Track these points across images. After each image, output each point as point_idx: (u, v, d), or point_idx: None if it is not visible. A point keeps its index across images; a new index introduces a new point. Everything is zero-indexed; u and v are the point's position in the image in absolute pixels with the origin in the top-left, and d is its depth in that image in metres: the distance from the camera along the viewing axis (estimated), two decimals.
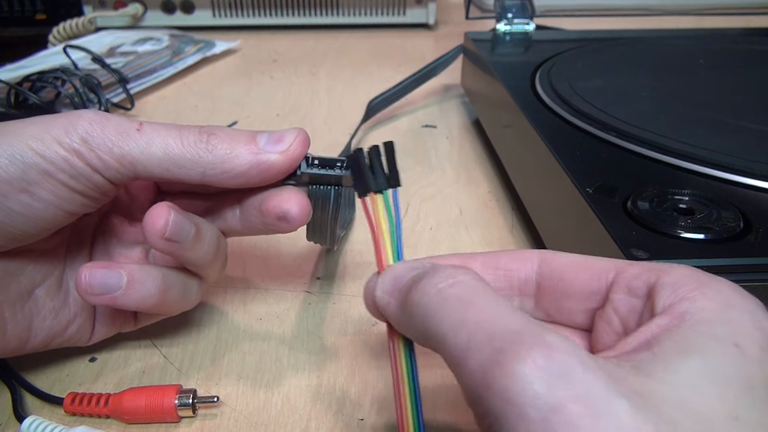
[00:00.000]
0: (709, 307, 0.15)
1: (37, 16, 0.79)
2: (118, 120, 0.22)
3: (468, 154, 0.47)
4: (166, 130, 0.22)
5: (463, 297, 0.16)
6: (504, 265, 0.20)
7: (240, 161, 0.23)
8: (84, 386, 0.26)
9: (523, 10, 0.55)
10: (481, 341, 0.15)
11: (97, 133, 0.21)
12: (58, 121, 0.21)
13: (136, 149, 0.22)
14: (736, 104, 0.38)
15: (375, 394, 0.26)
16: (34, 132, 0.21)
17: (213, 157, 0.22)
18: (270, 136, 0.23)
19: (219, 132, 0.23)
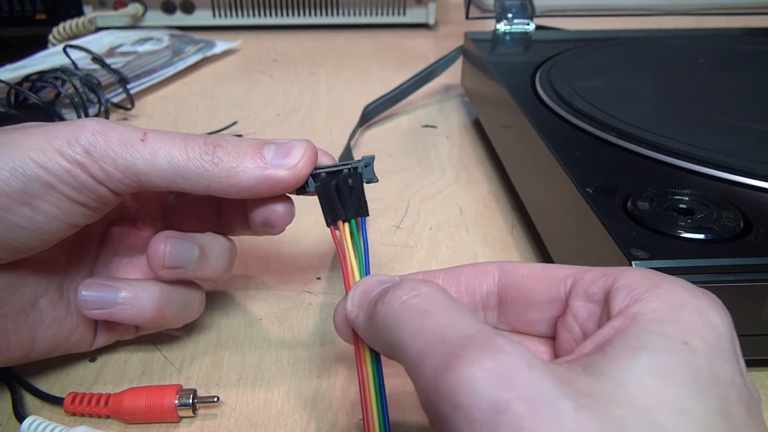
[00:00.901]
0: (660, 307, 0.16)
1: (37, 16, 0.79)
2: (121, 130, 0.22)
3: (468, 154, 0.47)
4: (171, 140, 0.22)
5: (423, 306, 0.16)
6: (465, 281, 0.20)
7: (246, 176, 0.22)
8: (84, 386, 0.26)
9: (523, 10, 0.55)
10: (435, 347, 0.15)
11: (101, 144, 0.21)
12: (61, 132, 0.21)
13: (140, 160, 0.21)
14: (736, 104, 0.38)
15: None
16: (36, 143, 0.20)
17: (219, 170, 0.22)
18: (278, 150, 0.23)
19: (225, 144, 0.22)
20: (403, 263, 0.34)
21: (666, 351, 0.15)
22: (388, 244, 0.36)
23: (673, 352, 0.14)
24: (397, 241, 0.36)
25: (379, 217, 0.39)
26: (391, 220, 0.38)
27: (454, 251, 0.35)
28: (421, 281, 0.18)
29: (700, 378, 0.14)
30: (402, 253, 0.35)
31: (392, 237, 0.36)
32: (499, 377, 0.13)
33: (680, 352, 0.14)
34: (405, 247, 0.35)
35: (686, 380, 0.14)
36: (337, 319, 0.20)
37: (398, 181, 0.43)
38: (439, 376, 0.14)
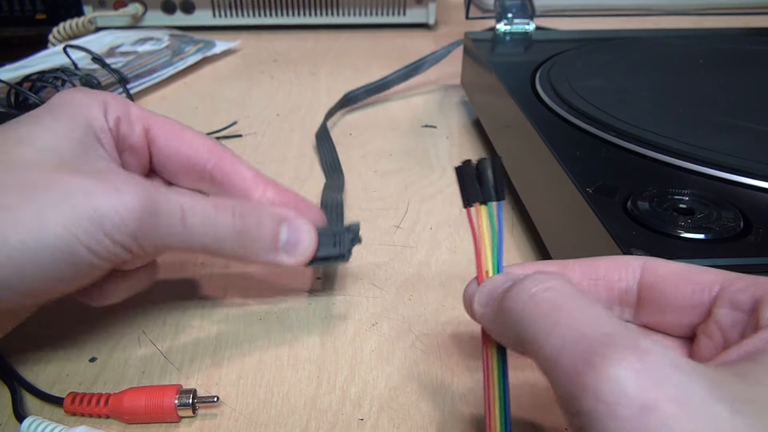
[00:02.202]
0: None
1: (37, 16, 0.79)
2: (166, 211, 0.22)
3: (468, 154, 0.47)
4: (205, 220, 0.23)
5: (556, 301, 0.16)
6: (604, 274, 0.20)
7: (258, 259, 0.26)
8: (84, 386, 0.26)
9: (523, 10, 0.55)
10: (573, 343, 0.15)
11: (147, 229, 0.22)
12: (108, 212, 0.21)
13: (177, 242, 0.23)
14: (737, 104, 0.38)
15: (375, 394, 0.26)
16: (87, 227, 0.21)
17: (239, 252, 0.25)
18: (289, 236, 0.26)
19: (250, 228, 0.25)
20: (403, 263, 0.34)
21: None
22: (388, 244, 0.36)
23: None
24: (397, 241, 0.36)
25: (379, 217, 0.39)
26: (391, 220, 0.38)
27: (454, 251, 0.35)
28: (548, 274, 0.17)
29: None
30: (402, 253, 0.35)
31: (392, 237, 0.36)
32: (647, 377, 0.13)
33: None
34: (405, 247, 0.35)
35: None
36: (466, 301, 0.21)
37: (398, 181, 0.43)
38: (581, 372, 0.14)
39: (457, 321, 0.29)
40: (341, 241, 0.27)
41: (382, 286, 0.32)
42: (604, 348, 0.14)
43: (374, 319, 0.30)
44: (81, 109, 0.25)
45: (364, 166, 0.45)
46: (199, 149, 0.28)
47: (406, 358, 0.27)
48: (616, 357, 0.14)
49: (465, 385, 0.26)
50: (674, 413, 0.13)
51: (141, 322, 0.30)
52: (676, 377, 0.13)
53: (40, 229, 0.20)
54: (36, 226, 0.20)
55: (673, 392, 0.13)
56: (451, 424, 0.24)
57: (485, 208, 0.21)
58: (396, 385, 0.26)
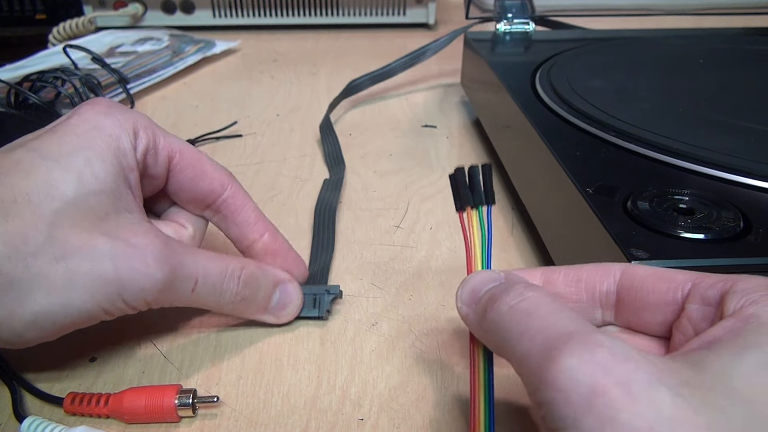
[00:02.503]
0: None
1: (37, 16, 0.79)
2: (180, 284, 0.24)
3: (468, 154, 0.47)
4: (213, 289, 0.25)
5: (528, 309, 0.18)
6: (586, 278, 0.21)
7: (246, 316, 0.28)
8: (84, 386, 0.26)
9: (523, 10, 0.55)
10: (539, 344, 0.16)
11: (161, 299, 0.24)
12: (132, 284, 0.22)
13: (182, 303, 0.25)
14: (736, 104, 0.38)
15: (375, 394, 0.26)
16: (110, 296, 0.22)
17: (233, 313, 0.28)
18: (279, 299, 0.28)
19: (249, 293, 0.27)
20: (403, 263, 0.34)
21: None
22: (388, 244, 0.36)
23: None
24: (397, 241, 0.36)
25: (379, 217, 0.39)
26: (391, 220, 0.38)
27: (454, 251, 0.35)
28: (528, 286, 0.19)
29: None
30: (402, 253, 0.35)
31: (392, 237, 0.36)
32: (597, 366, 0.14)
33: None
34: (405, 247, 0.35)
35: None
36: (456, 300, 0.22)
37: (398, 181, 0.43)
38: (543, 367, 0.15)
39: (457, 321, 0.29)
40: (321, 303, 0.29)
41: (382, 286, 0.32)
42: (561, 344, 0.15)
43: (374, 319, 0.30)
44: (112, 145, 0.24)
45: (364, 166, 0.45)
46: (215, 183, 0.28)
47: (406, 358, 0.27)
48: (570, 350, 0.15)
49: (465, 385, 0.26)
50: (619, 396, 0.14)
51: (141, 322, 0.30)
52: (623, 365, 0.14)
53: (69, 299, 0.21)
54: (65, 295, 0.21)
55: (619, 378, 0.14)
56: (451, 424, 0.24)
57: (476, 213, 0.22)
58: (396, 385, 0.26)
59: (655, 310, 0.19)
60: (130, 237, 0.23)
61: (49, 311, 0.21)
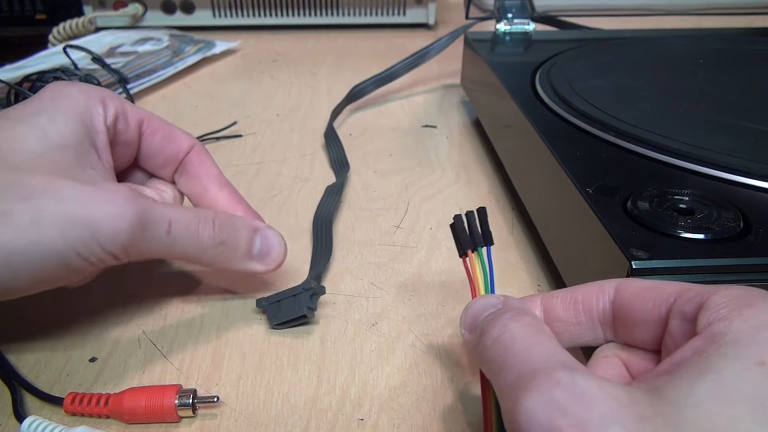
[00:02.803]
0: (742, 327, 0.15)
1: (37, 16, 0.79)
2: (154, 221, 0.24)
3: (468, 154, 0.47)
4: (187, 231, 0.25)
5: (506, 344, 0.18)
6: (582, 299, 0.21)
7: (233, 266, 0.28)
8: (84, 386, 0.26)
9: (523, 10, 0.55)
10: (511, 380, 0.17)
11: (137, 241, 0.23)
12: (103, 225, 0.22)
13: (160, 249, 0.25)
14: (736, 104, 0.38)
15: (375, 394, 0.26)
16: (83, 237, 0.22)
17: (216, 261, 0.27)
18: (261, 245, 0.28)
19: (227, 237, 0.27)
20: (403, 263, 0.34)
21: (733, 374, 0.14)
22: (388, 244, 0.36)
23: (741, 375, 0.14)
24: (397, 241, 0.36)
25: (379, 217, 0.39)
26: (391, 220, 0.38)
27: (453, 251, 0.35)
28: (515, 316, 0.19)
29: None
30: (402, 253, 0.35)
31: (392, 237, 0.36)
32: (553, 406, 0.15)
33: (749, 374, 0.14)
34: (405, 247, 0.35)
35: (750, 403, 0.14)
36: None
37: (398, 181, 0.43)
38: (510, 408, 0.16)
39: (456, 321, 0.29)
40: (299, 302, 0.29)
41: (382, 286, 0.32)
42: (525, 383, 0.16)
43: (374, 319, 0.30)
44: (78, 109, 0.25)
45: (364, 166, 0.45)
46: (183, 143, 0.30)
47: (406, 358, 0.27)
48: (531, 390, 0.15)
49: (465, 385, 0.26)
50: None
51: (141, 322, 0.30)
52: (579, 404, 0.15)
53: (38, 237, 0.21)
54: (34, 233, 0.21)
55: (574, 419, 0.14)
56: (451, 424, 0.24)
57: (476, 255, 0.23)
58: (396, 385, 0.26)
59: (645, 327, 0.19)
60: (100, 185, 0.23)
61: (20, 250, 0.21)
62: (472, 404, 0.25)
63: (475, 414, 0.25)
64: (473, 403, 0.25)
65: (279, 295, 0.29)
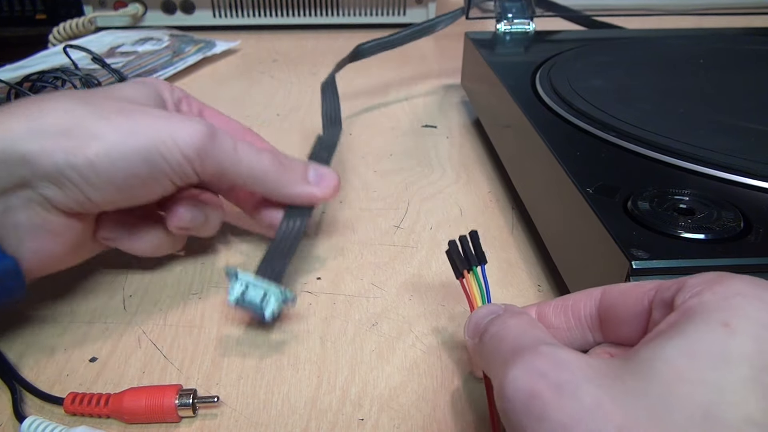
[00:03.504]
0: (712, 299, 0.16)
1: (37, 16, 0.79)
2: (222, 137, 0.28)
3: (468, 154, 0.47)
4: (251, 151, 0.29)
5: (502, 335, 0.20)
6: (572, 306, 0.22)
7: (295, 189, 0.31)
8: (84, 386, 0.26)
9: (523, 10, 0.55)
10: (501, 363, 0.18)
11: (209, 149, 0.27)
12: (183, 128, 0.26)
13: (231, 165, 0.28)
14: (736, 104, 0.38)
15: (375, 394, 0.26)
16: (165, 137, 0.26)
17: (278, 183, 0.30)
18: (315, 174, 0.32)
19: (285, 160, 0.31)
20: (403, 263, 0.34)
21: (698, 334, 0.15)
22: (388, 244, 0.36)
23: (706, 334, 0.15)
24: (397, 241, 0.36)
25: (379, 217, 0.39)
26: (391, 220, 0.38)
27: None
28: (514, 314, 0.21)
29: (730, 354, 0.15)
30: (402, 253, 0.35)
31: (392, 237, 0.36)
32: (534, 373, 0.16)
33: (715, 334, 0.15)
34: (405, 247, 0.35)
35: (712, 356, 0.15)
36: None
37: (398, 181, 0.43)
38: (499, 383, 0.17)
39: (457, 321, 0.29)
40: (267, 303, 0.27)
41: (382, 286, 0.32)
42: (512, 357, 0.17)
43: (374, 319, 0.30)
44: (153, 84, 0.31)
45: (364, 166, 0.45)
46: (236, 131, 0.34)
47: (406, 358, 0.27)
48: (516, 362, 0.17)
49: (465, 385, 0.26)
50: (550, 397, 0.15)
51: (141, 322, 0.30)
52: (558, 370, 0.16)
53: (132, 135, 0.25)
54: (129, 132, 0.25)
55: (552, 381, 0.16)
56: (451, 424, 0.24)
57: (472, 275, 0.25)
58: (396, 385, 0.26)
59: (630, 323, 0.20)
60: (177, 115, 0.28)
61: (119, 146, 0.25)
62: (473, 404, 0.25)
63: (476, 414, 0.25)
64: (473, 403, 0.25)
65: (250, 278, 0.27)
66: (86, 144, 0.24)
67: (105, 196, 0.26)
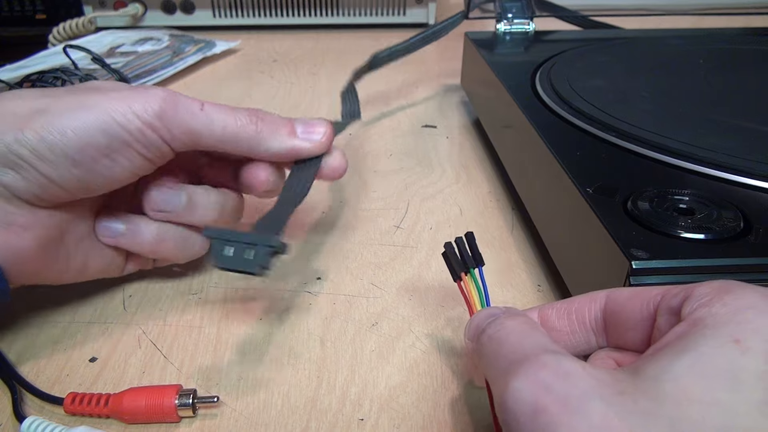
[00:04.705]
0: (722, 311, 0.16)
1: (37, 16, 0.79)
2: (185, 99, 0.26)
3: (468, 154, 0.47)
4: (223, 110, 0.27)
5: (501, 338, 0.19)
6: (576, 310, 0.22)
7: (281, 144, 0.28)
8: (84, 386, 0.26)
9: (523, 10, 0.55)
10: (501, 369, 0.18)
11: (170, 109, 0.25)
12: (136, 97, 0.25)
13: (200, 125, 0.26)
14: (736, 104, 0.38)
15: (375, 394, 0.26)
16: (118, 106, 0.25)
17: (259, 138, 0.28)
18: (305, 126, 0.29)
19: (265, 116, 0.28)
20: (403, 263, 0.34)
21: (710, 350, 0.15)
22: (388, 244, 0.36)
23: (717, 351, 0.15)
24: (397, 241, 0.36)
25: (379, 217, 0.39)
26: (391, 220, 0.38)
27: None
28: (511, 316, 0.21)
29: (743, 374, 0.14)
30: (402, 253, 0.35)
31: (392, 237, 0.36)
32: (539, 385, 0.16)
33: (725, 351, 0.15)
34: (405, 247, 0.35)
35: (723, 375, 0.14)
36: None
37: (398, 181, 0.43)
38: (499, 393, 0.17)
39: (457, 321, 0.29)
40: (256, 256, 0.24)
41: (382, 286, 0.32)
42: (514, 368, 0.17)
43: (374, 319, 0.30)
44: None
45: (364, 166, 0.45)
46: None
47: (406, 358, 0.27)
48: (518, 372, 0.16)
49: (465, 385, 0.26)
50: (557, 412, 0.15)
51: (141, 322, 0.30)
52: (564, 382, 0.15)
53: (81, 107, 0.24)
54: (77, 105, 0.24)
55: (558, 395, 0.15)
56: (451, 424, 0.24)
57: (470, 277, 0.24)
58: (396, 385, 0.26)
59: (635, 329, 0.20)
60: None
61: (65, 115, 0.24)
62: (473, 404, 0.25)
63: (476, 414, 0.25)
64: (473, 403, 0.25)
65: (233, 234, 0.24)
66: (32, 119, 0.24)
67: (64, 173, 0.24)
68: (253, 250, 0.24)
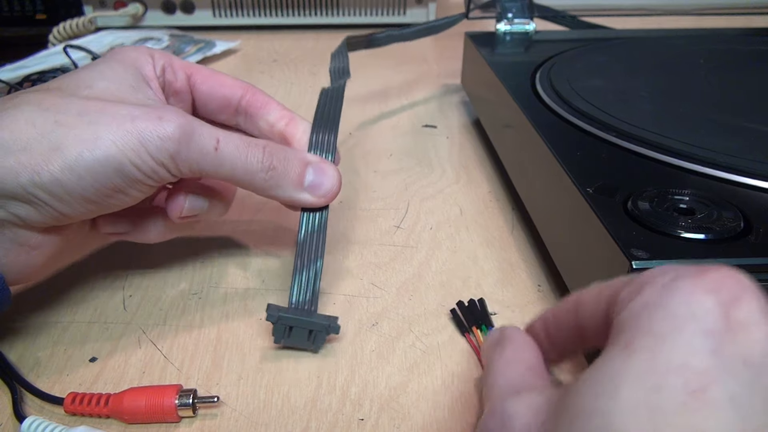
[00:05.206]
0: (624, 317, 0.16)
1: (37, 16, 0.79)
2: (199, 137, 0.25)
3: (468, 154, 0.47)
4: (237, 148, 0.27)
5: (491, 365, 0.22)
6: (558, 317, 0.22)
7: (285, 194, 0.28)
8: (84, 386, 0.26)
9: (523, 10, 0.55)
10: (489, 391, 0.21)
11: (184, 152, 0.25)
12: (150, 133, 0.24)
13: (210, 166, 0.26)
14: (736, 104, 0.38)
15: (375, 394, 0.26)
16: (133, 146, 0.24)
17: (267, 185, 0.28)
18: (315, 177, 0.29)
19: (277, 163, 0.28)
20: (404, 263, 0.34)
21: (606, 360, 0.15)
22: (388, 244, 0.36)
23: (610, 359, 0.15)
24: (397, 241, 0.36)
25: (379, 217, 0.39)
26: (391, 220, 0.38)
27: (454, 251, 0.35)
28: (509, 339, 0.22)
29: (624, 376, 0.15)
30: (402, 253, 0.35)
31: (392, 237, 0.36)
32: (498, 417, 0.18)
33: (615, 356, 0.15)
34: (405, 247, 0.35)
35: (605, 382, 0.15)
36: None
37: (398, 181, 0.43)
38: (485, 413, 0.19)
39: (456, 322, 0.29)
40: (316, 338, 0.27)
41: (382, 286, 0.32)
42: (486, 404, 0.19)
43: (374, 319, 0.30)
44: (131, 60, 0.29)
45: (364, 166, 0.45)
46: (235, 88, 0.32)
47: (406, 358, 0.27)
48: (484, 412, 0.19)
49: (465, 385, 0.26)
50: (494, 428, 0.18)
51: (141, 322, 0.30)
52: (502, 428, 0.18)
53: (95, 145, 0.24)
54: (92, 142, 0.24)
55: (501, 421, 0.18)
56: (452, 424, 0.24)
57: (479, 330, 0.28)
58: (396, 385, 0.26)
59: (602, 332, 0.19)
60: (151, 106, 0.26)
61: (82, 158, 0.23)
62: (473, 404, 0.25)
63: (476, 414, 0.25)
64: (473, 403, 0.25)
65: (292, 320, 0.27)
66: (48, 159, 0.23)
67: (78, 209, 0.25)
68: (312, 334, 0.27)
